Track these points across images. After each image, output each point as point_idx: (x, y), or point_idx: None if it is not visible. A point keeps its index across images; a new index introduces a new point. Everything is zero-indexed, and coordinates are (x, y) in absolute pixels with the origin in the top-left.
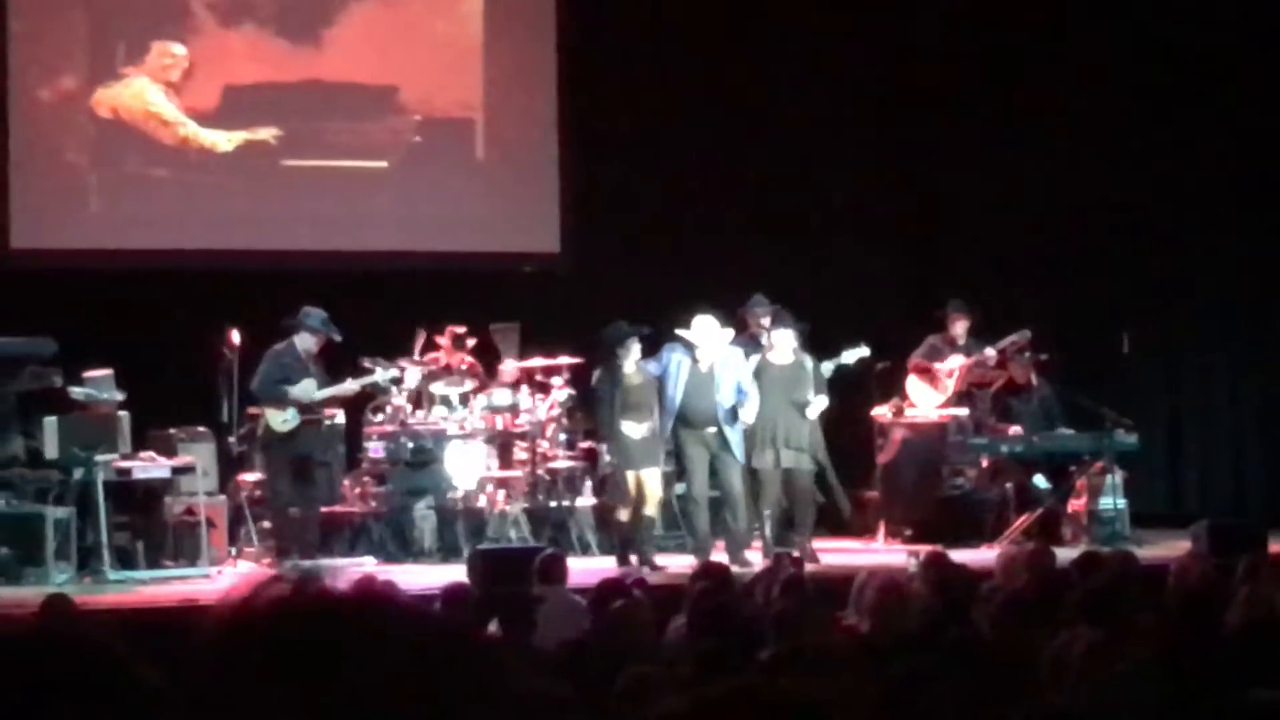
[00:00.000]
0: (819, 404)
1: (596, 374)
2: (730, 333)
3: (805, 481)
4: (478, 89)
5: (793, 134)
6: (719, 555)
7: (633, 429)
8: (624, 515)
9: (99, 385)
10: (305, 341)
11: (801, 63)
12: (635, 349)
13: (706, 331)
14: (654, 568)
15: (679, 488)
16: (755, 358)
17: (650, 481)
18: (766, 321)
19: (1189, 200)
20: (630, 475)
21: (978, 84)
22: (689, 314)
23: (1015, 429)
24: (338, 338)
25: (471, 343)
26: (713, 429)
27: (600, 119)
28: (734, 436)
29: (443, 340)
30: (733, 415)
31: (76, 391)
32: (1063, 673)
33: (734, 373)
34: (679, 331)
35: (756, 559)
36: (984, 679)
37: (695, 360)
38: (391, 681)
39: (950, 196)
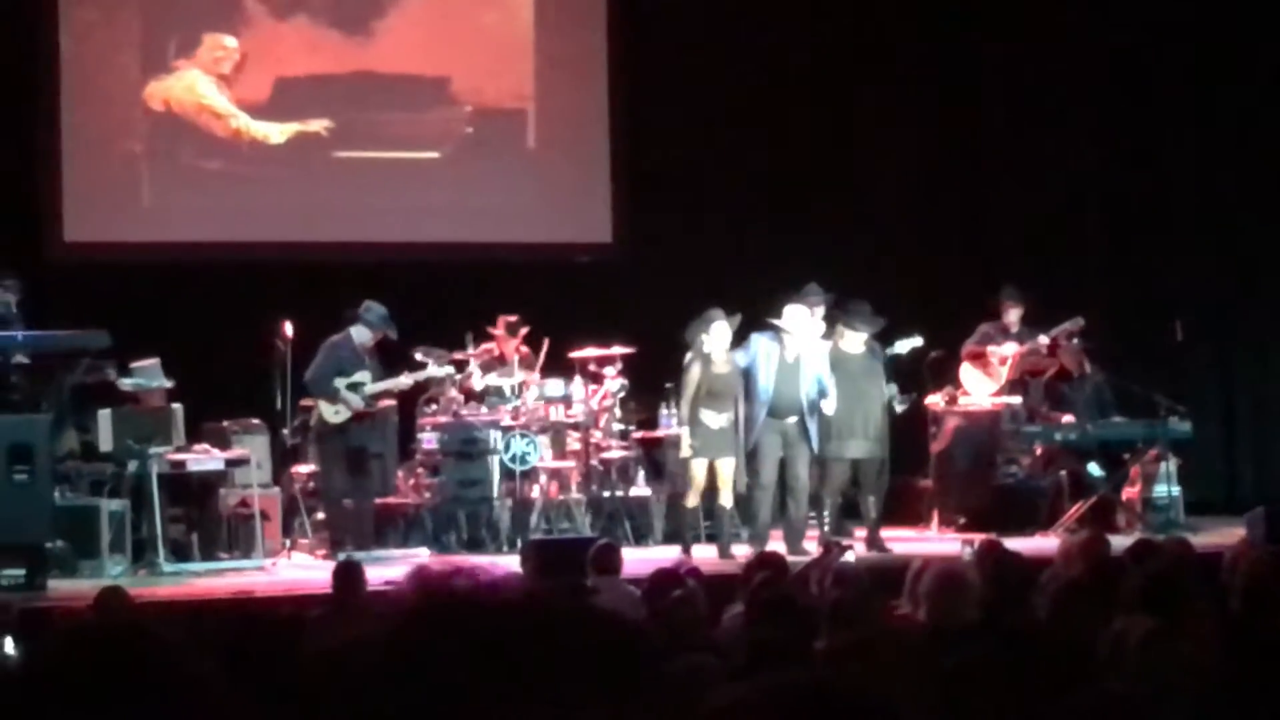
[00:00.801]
0: (893, 395)
1: (688, 356)
2: (822, 324)
3: (873, 470)
4: (528, 79)
5: (845, 120)
6: (775, 545)
7: (712, 418)
8: (691, 502)
9: (146, 374)
10: (362, 335)
11: (852, 47)
12: (725, 335)
13: (798, 320)
14: (729, 556)
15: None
16: (826, 346)
17: (725, 471)
18: (820, 310)
19: (1244, 185)
20: (703, 463)
21: (1032, 65)
22: (742, 303)
23: (1068, 417)
24: (394, 335)
25: (525, 331)
26: (794, 419)
27: (651, 107)
28: (812, 427)
29: (496, 330)
30: (813, 407)
31: (125, 382)
32: (1119, 660)
33: (817, 364)
34: (770, 320)
35: (814, 548)
36: (1040, 667)
37: (783, 349)
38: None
39: (1004, 183)
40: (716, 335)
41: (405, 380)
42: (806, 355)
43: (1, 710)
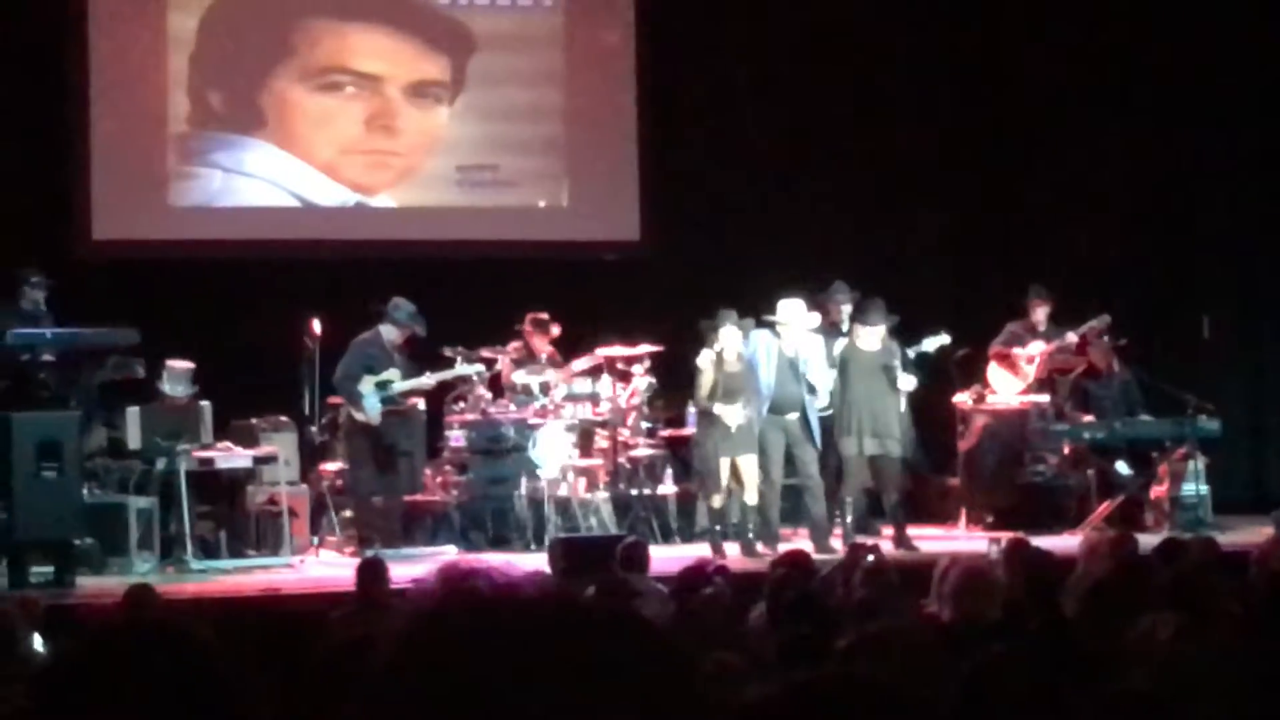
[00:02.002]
0: (907, 382)
1: (702, 354)
2: (817, 316)
3: (894, 469)
4: (557, 77)
5: (875, 118)
6: (798, 543)
7: (731, 415)
8: (717, 501)
9: (175, 380)
10: (390, 332)
11: (885, 43)
12: (736, 335)
13: (793, 314)
14: (753, 554)
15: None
16: (842, 343)
17: (747, 468)
18: (847, 309)
19: (1272, 181)
20: (726, 461)
21: (1059, 67)
22: (770, 301)
23: (1086, 417)
24: (423, 332)
25: (556, 330)
26: (795, 415)
27: (679, 105)
28: (814, 422)
29: (525, 327)
30: (812, 401)
31: (161, 385)
32: (1147, 659)
33: (815, 358)
34: (765, 316)
35: (839, 546)
36: (1067, 665)
37: (781, 344)
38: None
39: (1030, 182)
40: (727, 336)
41: (428, 380)
42: (805, 349)
43: (32, 707)
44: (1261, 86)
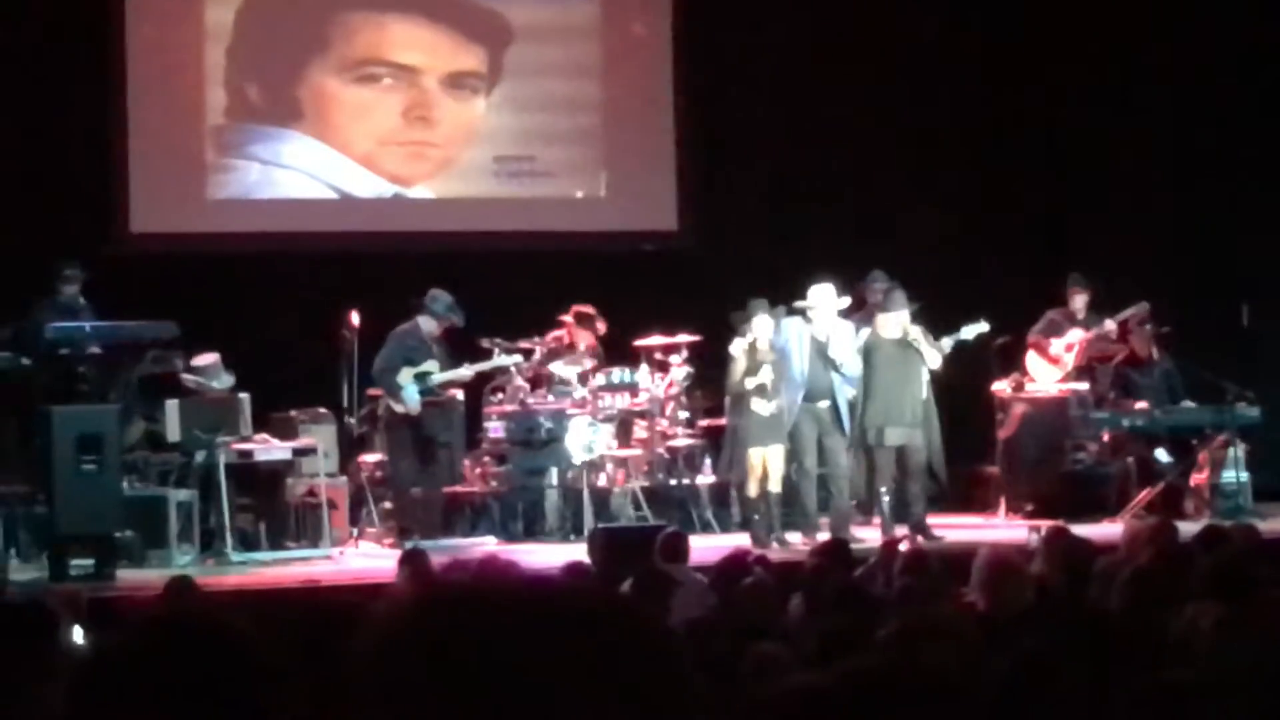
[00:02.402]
0: (933, 358)
1: (734, 342)
2: (846, 300)
3: (918, 458)
4: (595, 67)
5: (913, 104)
6: (825, 532)
7: (762, 406)
8: (752, 490)
9: (208, 373)
10: (429, 324)
11: (922, 30)
12: (769, 324)
13: (823, 299)
14: (781, 544)
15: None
16: (865, 332)
17: (774, 459)
18: (880, 297)
19: None
20: (757, 452)
21: (1096, 56)
22: (807, 290)
23: (1139, 404)
24: (461, 323)
25: (602, 327)
26: (826, 403)
27: (716, 94)
28: (844, 410)
29: (567, 319)
30: (842, 387)
31: (189, 379)
32: (1190, 647)
33: (844, 343)
34: (796, 303)
35: (872, 536)
36: (1109, 654)
37: (814, 331)
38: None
39: (1070, 169)
40: (759, 325)
41: (466, 372)
42: (836, 336)
43: (73, 699)
44: None
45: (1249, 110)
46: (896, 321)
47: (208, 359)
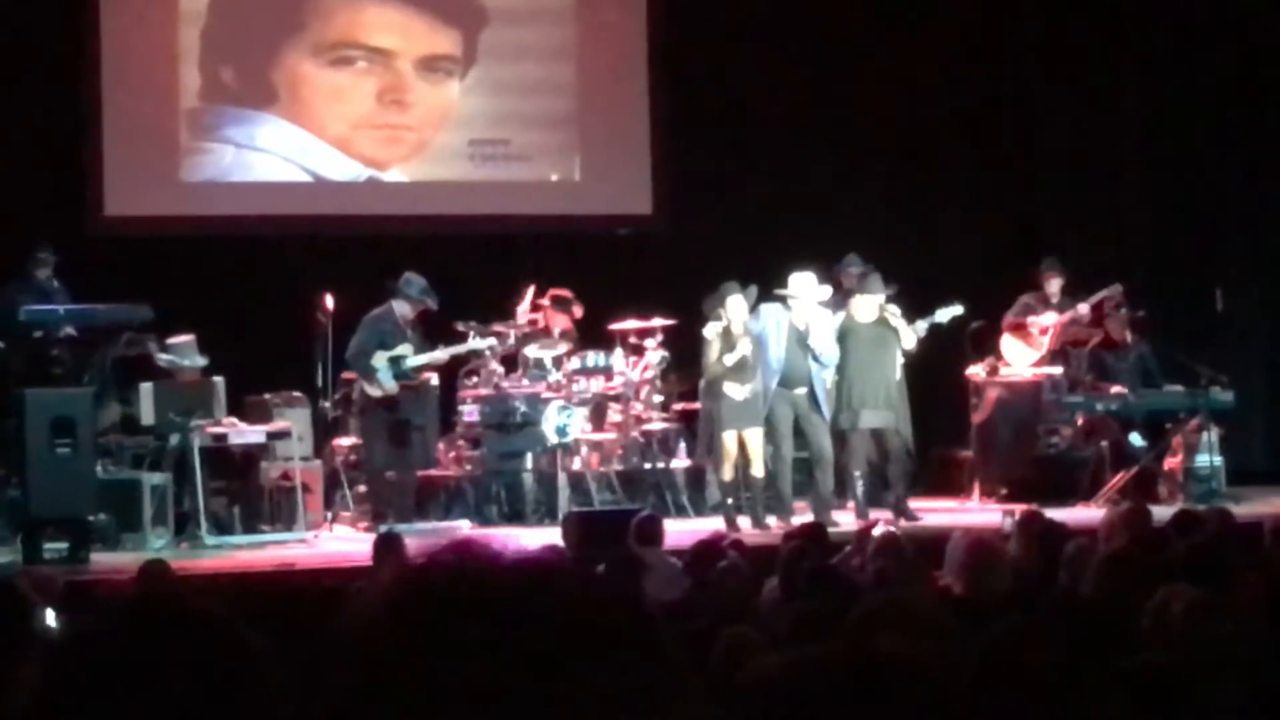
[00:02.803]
0: (908, 339)
1: (707, 328)
2: (828, 290)
3: (895, 440)
4: (570, 51)
5: (887, 90)
6: (803, 517)
7: (736, 390)
8: (727, 474)
9: (181, 352)
10: (403, 307)
11: (897, 18)
12: (743, 305)
13: (804, 287)
14: (763, 527)
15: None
16: (840, 315)
17: (753, 441)
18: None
19: None
20: (732, 435)
21: (1071, 38)
22: (782, 275)
23: (1113, 388)
24: (434, 306)
25: (579, 311)
26: (804, 389)
27: (691, 79)
28: (821, 397)
29: (544, 302)
30: (820, 374)
31: (162, 358)
32: (1163, 631)
33: (824, 331)
34: (777, 290)
35: (847, 520)
36: (1082, 637)
37: (792, 318)
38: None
39: (1042, 153)
40: (733, 308)
41: (441, 354)
42: (815, 323)
43: (46, 683)
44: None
45: (1221, 94)
46: (872, 304)
47: (183, 339)
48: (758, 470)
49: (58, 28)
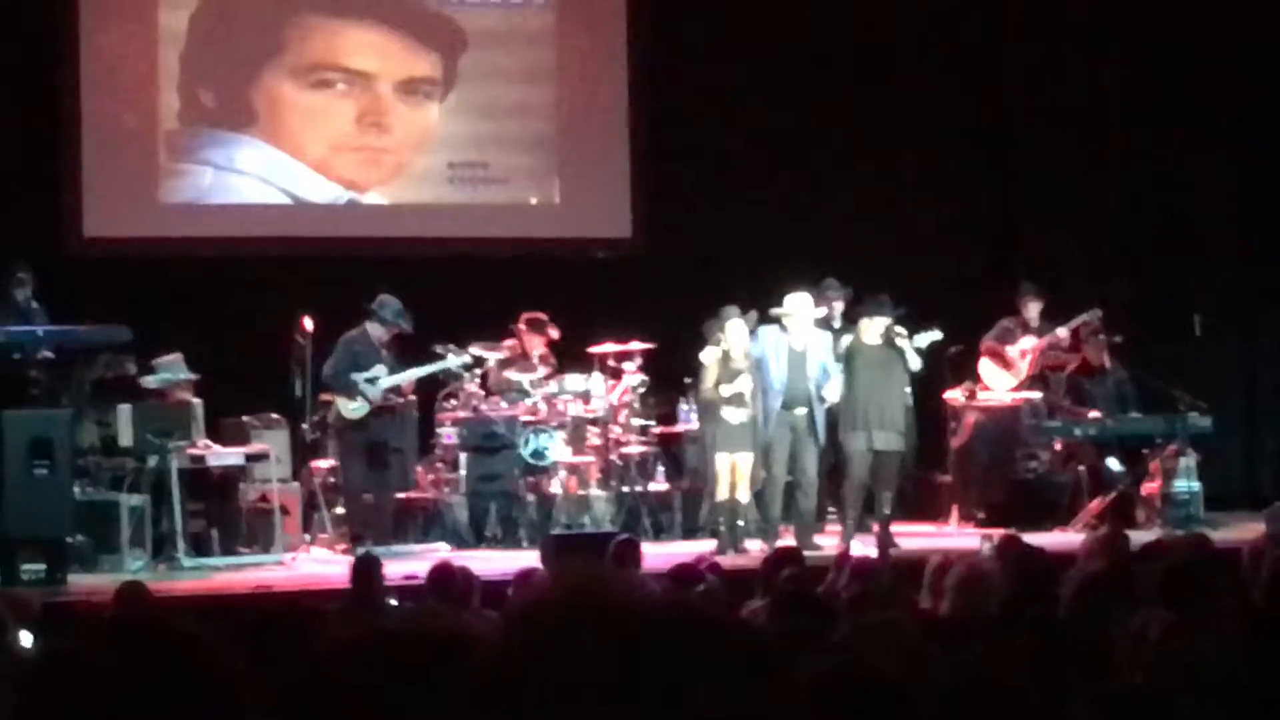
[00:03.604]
0: (914, 361)
1: (705, 352)
2: (821, 310)
3: (893, 464)
4: (549, 74)
5: (872, 115)
6: (786, 540)
7: (732, 413)
8: (720, 496)
9: (170, 369)
10: (376, 330)
11: (881, 41)
12: (742, 329)
13: (799, 307)
14: (739, 551)
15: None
16: (846, 339)
17: (743, 466)
18: (839, 305)
19: (1267, 179)
20: (725, 458)
21: (1051, 59)
22: (760, 297)
23: (1092, 413)
24: (409, 329)
25: (554, 333)
26: (803, 410)
27: (671, 102)
28: (819, 418)
29: (520, 326)
30: (818, 396)
31: (150, 380)
32: (1139, 655)
33: (820, 351)
34: (772, 311)
35: (832, 543)
36: (1060, 661)
37: (790, 339)
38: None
39: (1020, 176)
40: (733, 332)
41: (418, 372)
42: (812, 344)
43: (23, 702)
44: (1261, 85)
45: (1202, 119)
46: (879, 326)
47: (169, 357)
48: (743, 495)
49: (37, 48)
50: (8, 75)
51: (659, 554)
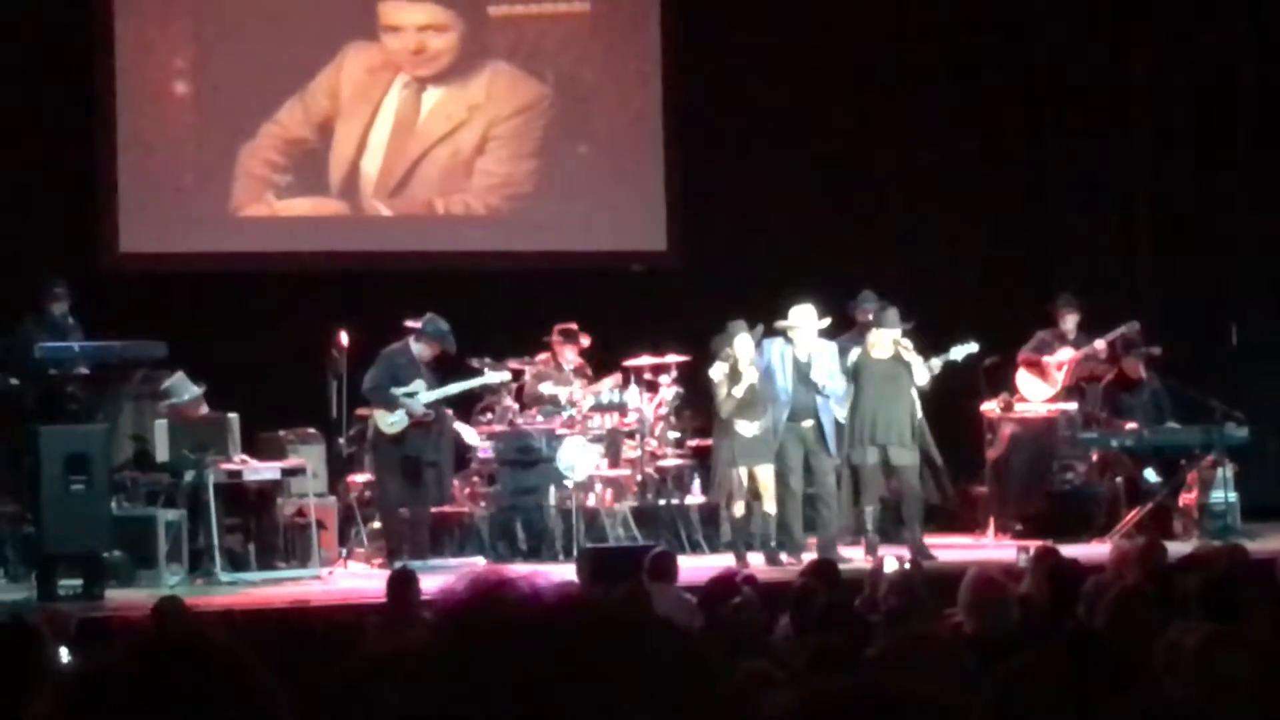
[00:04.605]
0: (921, 375)
1: (714, 368)
2: (827, 321)
3: (910, 476)
4: (583, 87)
5: (905, 127)
6: (814, 554)
7: (746, 426)
8: (738, 510)
9: (176, 389)
10: (420, 347)
11: (914, 55)
12: (749, 344)
13: (804, 319)
14: (777, 564)
15: None
16: (855, 351)
17: (764, 477)
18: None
19: None
20: (743, 471)
21: (1082, 69)
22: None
23: (1128, 424)
24: (453, 352)
25: (585, 341)
26: (810, 422)
27: (705, 114)
28: (828, 429)
29: (553, 338)
30: (824, 404)
31: (160, 406)
32: (1176, 667)
33: (826, 363)
34: (777, 323)
35: (856, 555)
36: (1096, 674)
37: (795, 351)
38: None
39: (1056, 188)
40: (740, 346)
41: (457, 387)
42: (817, 355)
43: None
44: None
45: (1236, 127)
46: (887, 339)
47: (173, 378)
48: (769, 507)
49: (74, 64)
50: (44, 92)
51: (694, 567)
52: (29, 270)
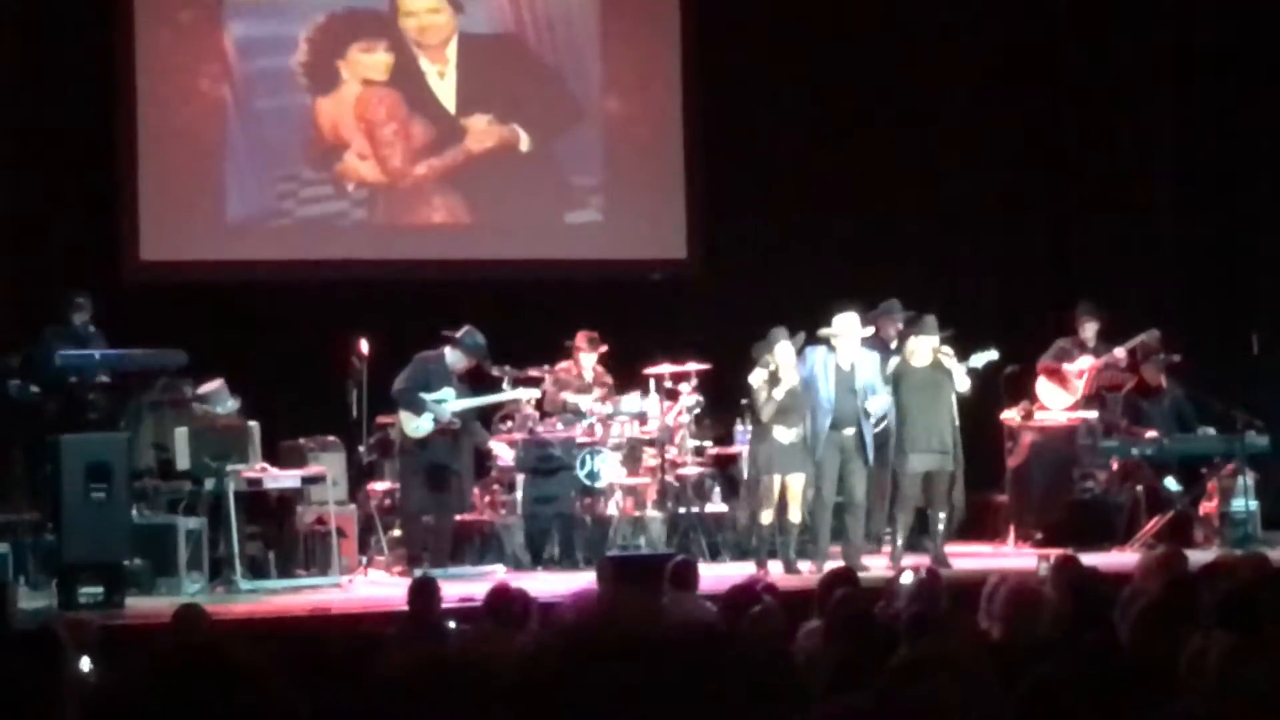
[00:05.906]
0: (962, 382)
1: (754, 374)
2: (870, 330)
3: (944, 485)
4: (601, 95)
5: (925, 134)
6: (836, 561)
7: (783, 433)
8: (766, 518)
9: (214, 399)
10: (455, 357)
11: (935, 59)
12: (790, 351)
13: (847, 327)
14: (794, 572)
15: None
16: (894, 361)
17: (794, 486)
18: (900, 327)
19: None
20: (776, 479)
21: (1105, 82)
22: (815, 318)
23: (1149, 432)
24: (489, 367)
25: (604, 348)
26: (852, 430)
27: (725, 121)
28: (868, 438)
29: (577, 343)
30: (864, 413)
31: (195, 407)
32: (1199, 677)
33: (868, 371)
34: (820, 331)
35: (881, 564)
36: (1119, 684)
37: (838, 359)
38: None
39: (1076, 197)
40: (781, 354)
41: (485, 400)
42: (860, 363)
43: None
44: None
45: (1258, 135)
46: (927, 347)
47: (213, 385)
48: (795, 515)
49: (94, 75)
50: (65, 100)
51: (715, 575)
52: (51, 280)
